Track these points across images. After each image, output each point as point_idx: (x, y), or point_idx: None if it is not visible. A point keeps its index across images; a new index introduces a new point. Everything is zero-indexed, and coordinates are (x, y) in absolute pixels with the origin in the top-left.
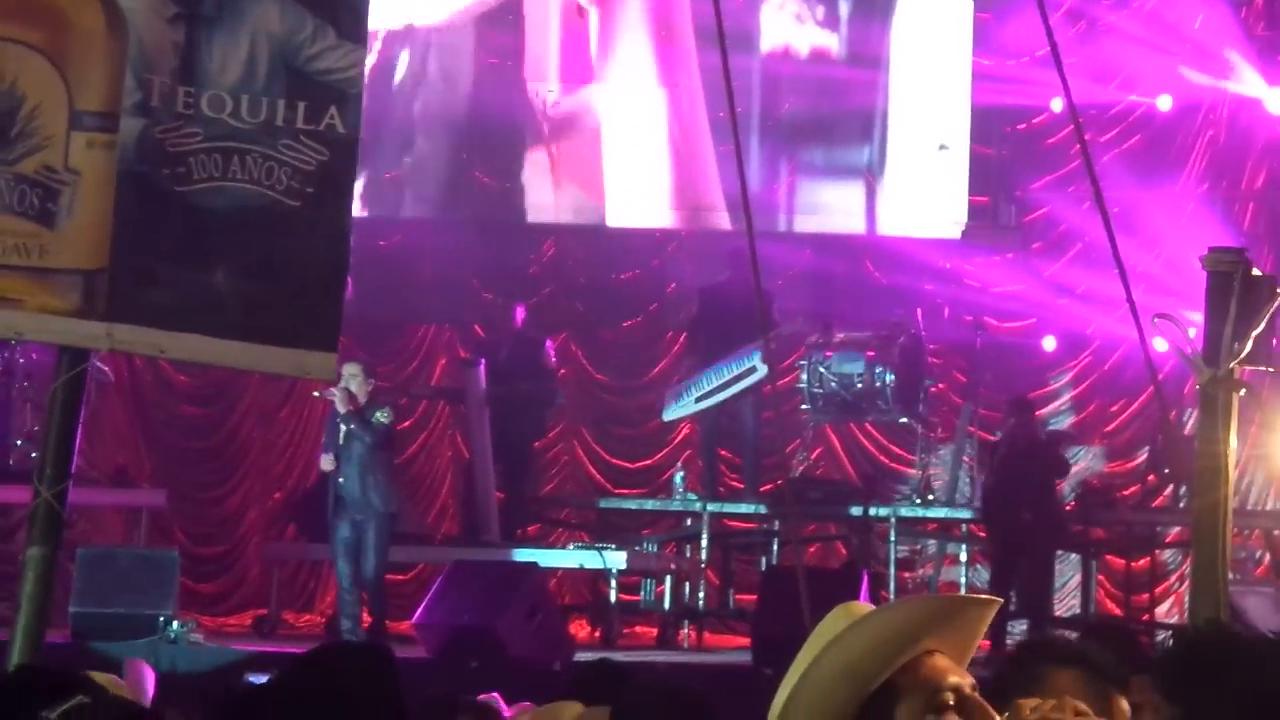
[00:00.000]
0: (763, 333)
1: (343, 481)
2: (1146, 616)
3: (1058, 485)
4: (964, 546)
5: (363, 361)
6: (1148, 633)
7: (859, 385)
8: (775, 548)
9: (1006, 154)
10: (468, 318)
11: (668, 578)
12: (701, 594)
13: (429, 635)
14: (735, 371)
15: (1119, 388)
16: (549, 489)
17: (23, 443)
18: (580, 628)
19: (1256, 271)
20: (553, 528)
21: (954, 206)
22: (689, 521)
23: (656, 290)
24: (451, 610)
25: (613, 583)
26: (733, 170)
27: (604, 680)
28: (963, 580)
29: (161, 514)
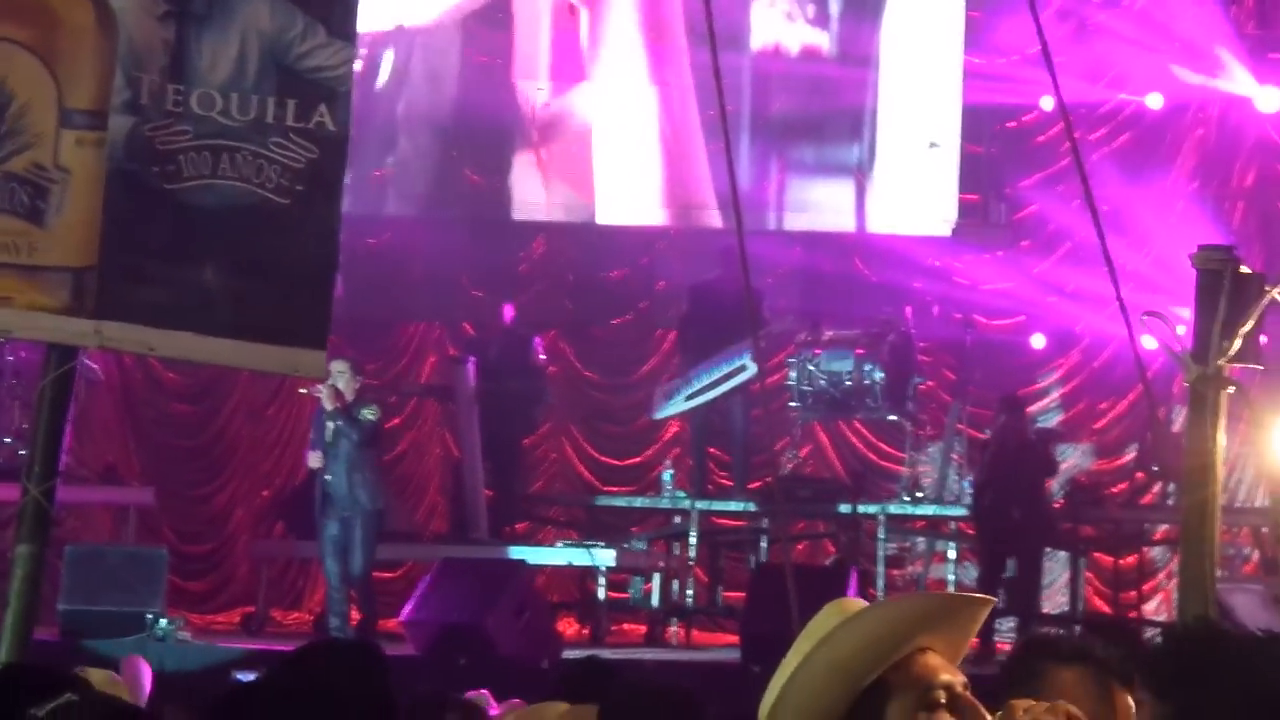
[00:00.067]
0: (752, 331)
1: (330, 479)
2: (1135, 614)
3: (1047, 483)
4: (953, 544)
5: (350, 359)
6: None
7: (848, 383)
8: (764, 545)
9: (996, 152)
10: (457, 315)
11: (656, 575)
12: (690, 591)
13: (417, 633)
14: (725, 370)
15: (1108, 385)
16: (538, 486)
17: (11, 440)
18: (569, 625)
19: (1245, 269)
20: (541, 525)
21: (944, 204)
22: (678, 519)
23: (646, 288)
24: (440, 608)
25: (601, 580)
26: (723, 168)
27: (592, 678)
28: (951, 578)
29: (150, 512)
